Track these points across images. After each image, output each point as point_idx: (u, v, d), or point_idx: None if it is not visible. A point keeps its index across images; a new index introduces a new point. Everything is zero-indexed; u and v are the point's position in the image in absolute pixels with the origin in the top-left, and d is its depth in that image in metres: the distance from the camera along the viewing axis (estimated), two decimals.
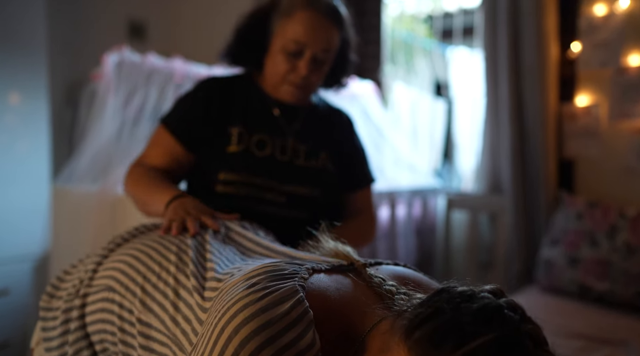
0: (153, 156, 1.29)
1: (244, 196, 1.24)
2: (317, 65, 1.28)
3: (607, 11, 2.30)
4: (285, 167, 1.29)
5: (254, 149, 1.28)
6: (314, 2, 1.26)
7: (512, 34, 2.41)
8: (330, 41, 1.27)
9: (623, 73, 2.28)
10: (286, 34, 1.25)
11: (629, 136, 2.29)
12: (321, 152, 1.34)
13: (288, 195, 1.27)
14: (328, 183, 1.33)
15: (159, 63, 1.98)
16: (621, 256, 2.02)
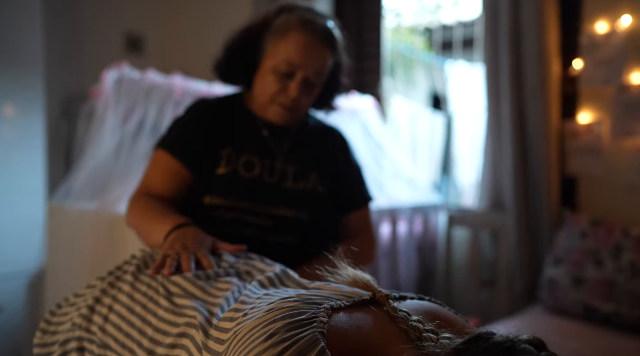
0: (154, 182, 1.25)
1: (228, 220, 1.21)
2: (307, 87, 1.25)
3: (609, 29, 2.29)
4: (272, 190, 1.25)
5: (242, 171, 1.25)
6: (308, 23, 1.23)
7: (514, 50, 2.39)
8: (322, 64, 1.24)
9: (625, 91, 2.27)
10: (278, 54, 1.22)
11: (632, 153, 2.27)
12: (311, 174, 1.30)
13: (274, 219, 1.23)
14: (317, 206, 1.28)
15: (159, 79, 1.95)
16: (626, 277, 1.99)
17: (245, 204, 1.22)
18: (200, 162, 1.26)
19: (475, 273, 2.60)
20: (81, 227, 1.89)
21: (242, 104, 1.34)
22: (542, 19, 2.31)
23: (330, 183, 1.32)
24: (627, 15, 2.24)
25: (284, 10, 1.28)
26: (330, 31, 1.26)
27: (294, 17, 1.24)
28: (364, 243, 1.35)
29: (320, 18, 1.26)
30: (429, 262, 2.87)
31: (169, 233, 1.07)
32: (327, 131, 1.40)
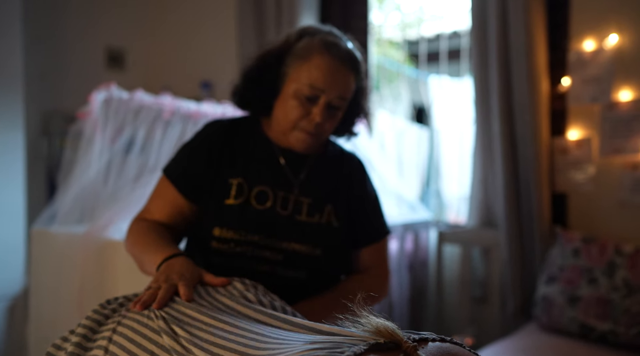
0: (155, 210, 1.23)
1: (238, 253, 1.18)
2: (331, 112, 1.22)
3: (596, 47, 2.32)
4: (285, 223, 1.21)
5: (254, 202, 1.21)
6: (332, 46, 1.19)
7: (503, 67, 2.40)
8: (346, 88, 1.21)
9: (613, 108, 2.29)
10: (301, 78, 1.18)
11: (621, 170, 2.29)
12: (326, 206, 1.25)
13: (286, 253, 1.19)
14: (331, 241, 1.23)
15: (148, 99, 1.90)
16: (621, 295, 2.00)
17: (256, 237, 1.19)
18: (206, 192, 1.22)
19: (467, 290, 2.59)
20: (68, 252, 1.82)
21: (259, 130, 1.30)
22: (531, 36, 2.32)
23: (345, 216, 1.27)
24: (614, 34, 2.27)
25: (305, 33, 1.24)
26: (353, 54, 1.23)
27: (317, 40, 1.20)
28: (375, 279, 1.30)
29: (342, 41, 1.23)
30: (420, 280, 2.85)
31: (160, 265, 1.05)
32: (345, 158, 1.35)
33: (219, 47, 3.53)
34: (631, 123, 2.25)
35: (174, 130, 2.02)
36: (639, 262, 2.04)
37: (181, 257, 1.06)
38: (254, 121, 1.32)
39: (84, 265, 1.77)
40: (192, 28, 3.66)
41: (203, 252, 1.21)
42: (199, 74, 3.59)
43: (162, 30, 3.75)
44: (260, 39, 3.20)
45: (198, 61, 3.64)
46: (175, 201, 1.22)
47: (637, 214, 2.25)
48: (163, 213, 1.22)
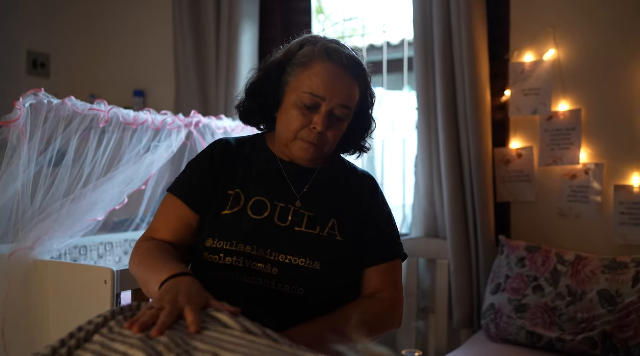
0: (161, 227, 1.20)
1: (230, 265, 1.10)
2: (333, 121, 1.17)
3: (535, 59, 2.38)
4: (281, 234, 1.14)
5: (249, 212, 1.16)
6: (333, 52, 1.16)
7: (447, 78, 2.42)
8: (349, 96, 1.17)
9: (552, 119, 2.36)
10: (302, 86, 1.14)
11: (559, 180, 2.36)
12: (330, 220, 1.18)
13: (281, 266, 1.11)
14: (332, 255, 1.15)
15: (81, 106, 1.75)
16: (566, 302, 2.03)
17: (248, 248, 1.11)
18: (207, 204, 1.18)
19: (413, 301, 2.57)
20: None
21: (263, 145, 1.28)
22: (474, 48, 2.36)
23: (351, 232, 1.19)
24: (551, 48, 2.34)
25: (307, 42, 1.20)
26: (357, 61, 1.19)
27: (318, 47, 1.17)
28: (383, 304, 1.19)
29: (346, 49, 1.19)
30: None
31: (163, 283, 0.96)
32: (355, 176, 1.29)
33: (153, 54, 3.37)
34: (569, 134, 2.32)
35: (110, 139, 1.87)
36: (580, 269, 2.09)
37: (189, 277, 0.97)
38: (259, 137, 1.30)
39: (8, 289, 1.59)
40: (124, 34, 3.48)
41: (196, 265, 1.17)
42: (131, 82, 3.42)
43: (91, 36, 3.54)
44: (198, 46, 3.08)
45: (130, 68, 3.46)
46: (183, 214, 1.19)
47: (576, 223, 2.32)
48: (170, 230, 1.18)
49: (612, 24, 2.24)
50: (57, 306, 1.63)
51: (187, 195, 1.20)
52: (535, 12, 2.40)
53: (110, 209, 1.92)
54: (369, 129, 1.30)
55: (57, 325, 1.62)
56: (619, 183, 2.22)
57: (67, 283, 1.60)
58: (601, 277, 2.02)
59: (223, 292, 1.11)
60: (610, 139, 2.26)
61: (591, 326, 1.95)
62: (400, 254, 1.26)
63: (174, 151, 2.12)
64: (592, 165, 2.28)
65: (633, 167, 2.20)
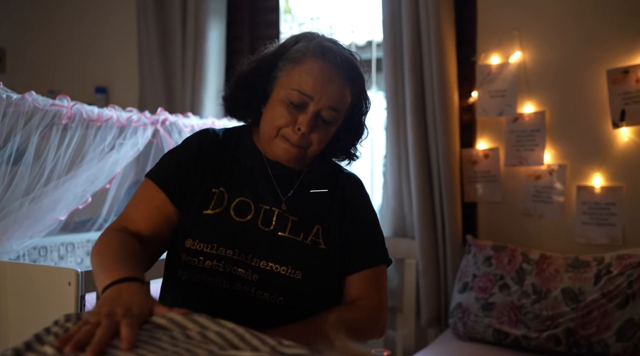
0: (139, 217, 1.10)
1: (208, 269, 1.06)
2: (320, 123, 1.10)
3: (502, 61, 2.42)
4: (264, 239, 1.10)
5: (232, 214, 1.10)
6: (328, 51, 1.10)
7: (416, 79, 2.43)
8: (339, 98, 1.10)
9: (517, 121, 2.40)
10: (291, 83, 1.09)
11: (524, 180, 2.40)
12: (314, 226, 1.14)
13: (262, 273, 1.07)
14: (315, 263, 1.10)
15: (42, 101, 1.68)
16: (531, 300, 2.07)
17: (230, 252, 1.07)
18: (189, 199, 1.12)
19: None
20: None
21: (250, 140, 1.21)
22: (443, 50, 2.38)
23: (335, 239, 1.14)
24: (517, 51, 2.38)
25: (303, 38, 1.15)
26: (353, 63, 1.13)
27: (313, 44, 1.11)
28: (364, 312, 1.14)
29: (343, 49, 1.14)
30: None
31: (106, 288, 0.89)
32: (341, 177, 1.23)
33: (116, 49, 3.28)
34: (534, 135, 2.36)
35: (73, 136, 1.80)
36: (545, 268, 2.13)
37: (133, 283, 0.89)
38: (246, 131, 1.23)
39: None
40: (85, 28, 3.37)
41: (174, 265, 1.11)
42: (93, 78, 3.32)
43: (50, 29, 3.43)
44: (163, 43, 3.02)
45: (92, 63, 3.35)
46: (165, 208, 1.11)
47: (540, 223, 2.36)
48: (149, 222, 1.10)
49: (575, 30, 2.29)
50: (16, 310, 1.56)
51: (171, 188, 1.12)
52: (501, 16, 2.44)
53: (72, 208, 1.86)
54: (361, 137, 1.23)
55: (17, 329, 1.55)
56: (581, 183, 2.28)
57: (28, 285, 1.54)
58: (565, 276, 2.07)
59: (199, 296, 1.08)
60: (573, 141, 2.31)
61: (555, 324, 1.99)
62: (385, 259, 1.21)
63: (140, 150, 2.07)
64: (556, 166, 2.33)
65: (594, 168, 2.25)
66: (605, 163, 2.24)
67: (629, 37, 2.17)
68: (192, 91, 2.95)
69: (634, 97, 2.14)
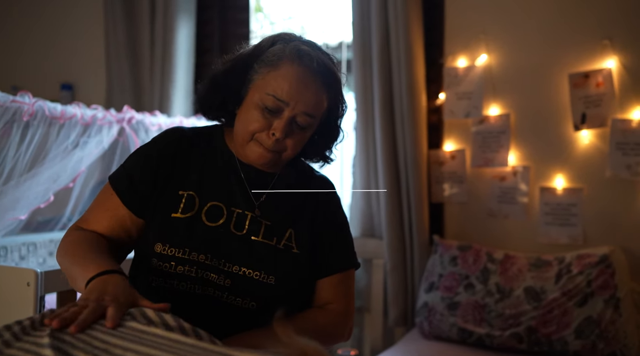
0: (94, 220, 1.11)
1: (180, 274, 1.05)
2: (295, 129, 1.09)
3: (468, 64, 2.46)
4: (237, 244, 1.09)
5: (204, 218, 1.09)
6: (305, 56, 1.07)
7: (385, 80, 2.46)
8: (316, 105, 1.08)
9: (483, 123, 2.44)
10: (266, 87, 1.06)
11: (490, 181, 2.44)
12: (287, 230, 1.13)
13: (234, 278, 1.06)
14: (287, 268, 1.10)
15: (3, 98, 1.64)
16: (495, 299, 2.11)
17: (202, 257, 1.06)
18: (153, 204, 1.10)
19: None
20: None
21: (222, 142, 1.18)
22: (411, 52, 2.40)
23: (307, 244, 1.14)
24: (483, 54, 2.42)
25: (280, 39, 1.12)
26: (329, 68, 1.11)
27: (290, 47, 1.08)
28: (331, 316, 1.14)
29: (320, 53, 1.11)
30: None
31: (90, 281, 0.91)
32: (314, 181, 1.22)
33: (83, 46, 3.22)
34: (499, 137, 2.41)
35: (35, 134, 1.77)
36: (508, 268, 2.17)
37: (117, 275, 0.93)
38: (218, 131, 1.20)
39: None
40: (51, 25, 3.30)
41: (143, 271, 1.10)
42: (59, 75, 3.25)
43: (12, 24, 3.34)
44: (131, 40, 2.98)
45: (57, 60, 3.29)
46: (118, 212, 1.11)
47: (505, 223, 2.41)
48: (102, 225, 1.10)
49: (539, 34, 2.35)
50: None
51: (127, 195, 1.11)
52: (468, 19, 2.48)
53: (34, 207, 1.82)
54: (336, 140, 1.22)
55: None
56: (544, 185, 2.33)
57: None
58: (527, 275, 2.12)
59: (171, 302, 1.06)
60: (536, 143, 2.36)
61: (518, 322, 2.03)
62: (354, 264, 1.22)
63: (105, 148, 2.04)
64: (520, 168, 2.38)
65: (557, 170, 2.31)
66: (567, 165, 2.29)
67: (590, 42, 2.24)
68: (161, 89, 2.92)
69: (594, 101, 2.20)
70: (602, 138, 2.23)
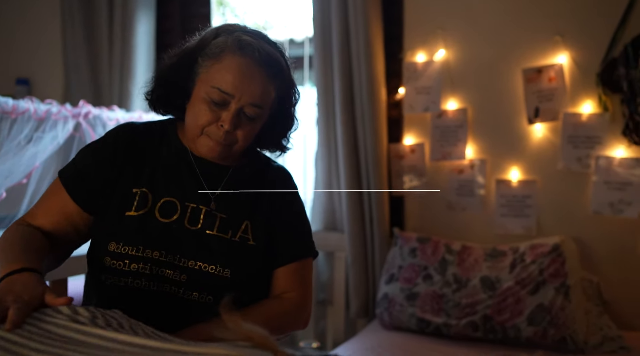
0: (41, 214, 1.10)
1: (134, 272, 1.05)
2: (244, 120, 1.09)
3: (427, 59, 2.50)
4: (191, 239, 1.09)
5: (157, 215, 1.09)
6: (247, 46, 1.07)
7: (345, 75, 2.48)
8: (262, 95, 1.08)
9: (442, 117, 2.49)
10: (211, 81, 1.06)
11: (448, 174, 2.49)
12: (242, 223, 1.14)
13: (190, 272, 1.07)
14: (244, 261, 1.11)
15: None
16: (452, 289, 2.16)
17: (156, 254, 1.06)
18: (105, 202, 1.09)
19: (313, 293, 2.60)
20: None
21: (174, 136, 1.18)
22: (371, 47, 2.43)
23: (263, 235, 1.15)
24: (441, 49, 2.46)
25: (223, 31, 1.11)
26: (274, 57, 1.10)
27: (232, 39, 1.08)
28: (287, 304, 1.14)
29: (263, 42, 1.11)
30: None
31: (2, 280, 0.91)
32: (270, 171, 1.23)
33: (40, 41, 3.16)
34: (457, 131, 2.45)
35: None
36: (465, 258, 2.22)
37: (27, 274, 0.91)
38: (170, 126, 1.20)
39: None
40: (6, 18, 3.22)
41: (97, 270, 1.09)
42: (14, 69, 3.18)
43: None
44: (89, 34, 2.93)
45: (12, 54, 3.21)
46: (66, 207, 1.10)
47: (463, 215, 2.46)
48: (49, 220, 1.09)
49: (494, 30, 2.40)
50: None
51: (76, 191, 1.10)
52: (426, 15, 2.51)
53: None
54: (291, 128, 1.23)
55: None
56: (500, 177, 2.39)
57: None
58: (483, 265, 2.17)
59: (126, 300, 1.06)
60: (492, 136, 2.42)
61: (474, 311, 2.08)
62: (311, 252, 1.22)
63: (61, 143, 2.01)
64: (477, 161, 2.43)
65: (512, 162, 2.37)
66: (521, 158, 2.35)
67: (543, 38, 2.30)
68: (120, 84, 2.88)
69: (547, 96, 2.26)
70: (554, 131, 2.29)
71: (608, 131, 2.19)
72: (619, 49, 2.15)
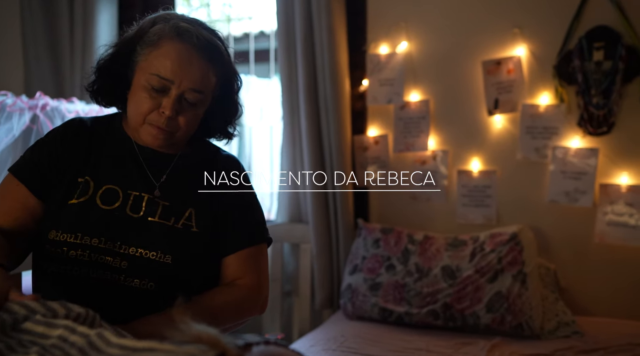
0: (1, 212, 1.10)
1: (73, 259, 1.05)
2: (185, 106, 1.11)
3: (390, 51, 2.51)
4: (133, 226, 1.09)
5: (99, 202, 1.10)
6: (184, 33, 1.09)
7: (309, 66, 2.48)
8: (201, 80, 1.10)
9: (404, 109, 2.51)
10: (150, 68, 1.08)
11: (411, 165, 2.52)
12: (186, 210, 1.14)
13: (131, 259, 1.07)
14: (186, 247, 1.11)
15: None
16: (414, 279, 2.19)
17: (95, 241, 1.06)
18: (54, 191, 1.10)
19: (278, 286, 2.62)
20: None
21: (119, 127, 1.20)
22: (334, 39, 2.43)
23: (209, 222, 1.15)
24: (404, 41, 2.48)
25: (160, 19, 1.13)
26: (213, 42, 1.12)
27: (169, 26, 1.10)
28: (240, 291, 1.14)
29: (201, 28, 1.12)
30: None
31: None
32: (218, 159, 1.23)
33: None
34: (420, 122, 2.48)
35: None
36: (427, 248, 2.25)
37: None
38: (116, 118, 1.21)
39: None
40: None
41: (40, 258, 1.11)
42: None
43: None
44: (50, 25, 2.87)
45: None
46: (25, 201, 1.11)
47: (425, 206, 2.49)
48: (10, 216, 1.09)
49: (455, 22, 2.42)
50: None
51: (31, 180, 1.11)
52: (389, 6, 2.53)
53: None
54: (235, 115, 1.25)
55: None
56: (462, 168, 2.43)
57: None
58: (445, 254, 2.20)
59: (67, 288, 1.07)
60: (454, 127, 2.45)
61: (435, 300, 2.11)
62: (264, 238, 1.23)
63: (16, 136, 1.97)
64: (440, 152, 2.46)
65: (473, 153, 2.41)
66: (482, 148, 2.39)
67: (501, 30, 2.33)
68: (82, 75, 2.83)
69: (506, 87, 2.30)
70: (513, 122, 2.34)
71: (564, 122, 2.24)
72: (574, 42, 2.20)
